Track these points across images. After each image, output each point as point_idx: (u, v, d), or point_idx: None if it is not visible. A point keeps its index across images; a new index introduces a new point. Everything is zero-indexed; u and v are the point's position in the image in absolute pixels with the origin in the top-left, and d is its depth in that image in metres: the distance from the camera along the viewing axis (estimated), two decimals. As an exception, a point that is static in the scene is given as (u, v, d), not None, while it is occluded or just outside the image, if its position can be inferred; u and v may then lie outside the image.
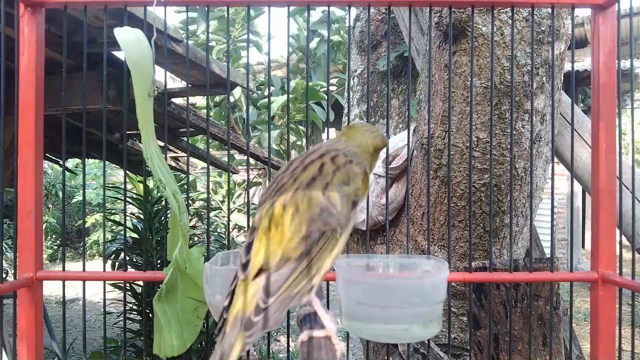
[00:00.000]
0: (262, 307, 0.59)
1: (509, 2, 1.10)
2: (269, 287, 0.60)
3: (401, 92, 2.69)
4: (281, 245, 0.63)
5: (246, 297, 0.61)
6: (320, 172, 0.69)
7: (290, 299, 0.61)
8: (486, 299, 1.43)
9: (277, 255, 0.63)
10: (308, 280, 0.63)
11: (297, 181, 0.68)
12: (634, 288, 0.96)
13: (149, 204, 3.79)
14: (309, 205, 0.65)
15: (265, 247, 0.64)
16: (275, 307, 0.60)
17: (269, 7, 1.11)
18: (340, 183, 0.68)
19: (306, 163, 0.71)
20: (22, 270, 1.02)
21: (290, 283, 0.61)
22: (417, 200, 1.97)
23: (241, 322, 0.59)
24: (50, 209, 10.71)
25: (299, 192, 0.67)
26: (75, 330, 5.53)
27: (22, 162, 1.03)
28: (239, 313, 0.60)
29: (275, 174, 0.73)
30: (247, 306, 0.60)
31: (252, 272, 0.63)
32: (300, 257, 0.62)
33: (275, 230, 0.64)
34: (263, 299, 0.60)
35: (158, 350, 0.90)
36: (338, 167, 0.70)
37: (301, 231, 0.64)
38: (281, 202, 0.66)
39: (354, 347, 4.66)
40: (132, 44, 0.89)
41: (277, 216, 0.65)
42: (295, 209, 0.65)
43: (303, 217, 0.64)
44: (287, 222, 0.64)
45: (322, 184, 0.68)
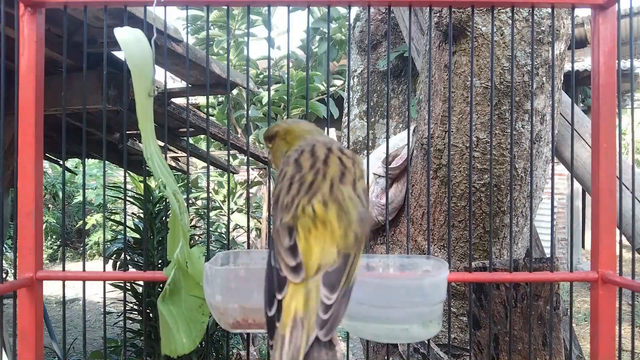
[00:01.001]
0: (328, 304, 0.60)
1: (509, 2, 1.09)
2: (330, 283, 0.62)
3: (401, 92, 2.69)
4: (334, 242, 0.64)
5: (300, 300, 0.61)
6: (344, 166, 0.71)
7: (349, 291, 0.63)
8: (486, 299, 1.43)
9: (332, 253, 0.64)
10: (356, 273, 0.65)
11: (327, 177, 0.69)
12: (634, 288, 0.96)
13: (150, 203, 3.79)
14: (351, 204, 0.67)
15: (316, 246, 0.64)
16: (339, 302, 0.61)
17: (269, 7, 1.11)
18: (360, 178, 0.72)
19: (322, 158, 0.72)
20: (22, 270, 1.02)
21: (346, 277, 0.63)
22: (417, 200, 1.97)
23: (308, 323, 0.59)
24: (50, 209, 10.70)
25: (335, 188, 0.68)
26: (75, 330, 5.53)
27: (22, 162, 1.03)
28: (296, 316, 0.60)
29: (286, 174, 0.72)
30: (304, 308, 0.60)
31: (309, 273, 0.63)
32: (351, 252, 0.65)
33: (323, 228, 0.65)
34: (327, 296, 0.61)
35: (168, 351, 0.90)
36: (354, 160, 0.73)
37: (351, 228, 0.65)
38: (319, 200, 0.67)
39: (354, 347, 4.65)
40: (132, 44, 0.89)
41: (320, 214, 0.66)
42: (339, 206, 0.66)
43: (351, 217, 0.66)
44: (334, 220, 0.65)
45: (351, 179, 0.70)
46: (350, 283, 0.64)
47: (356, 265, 0.65)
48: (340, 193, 0.67)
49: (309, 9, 1.13)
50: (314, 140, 0.77)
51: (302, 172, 0.70)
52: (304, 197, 0.68)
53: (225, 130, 3.86)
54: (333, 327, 0.60)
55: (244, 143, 4.02)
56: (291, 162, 0.73)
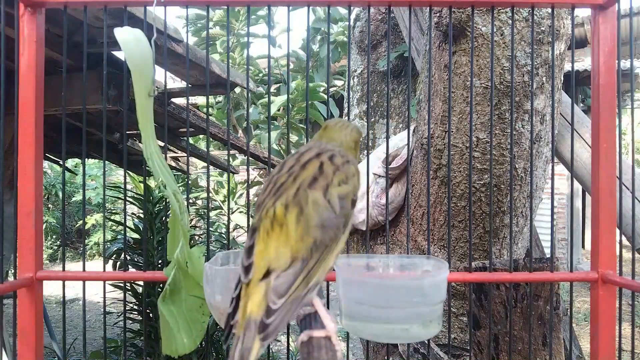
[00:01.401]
0: (273, 309, 0.59)
1: (509, 2, 1.10)
2: (279, 288, 0.60)
3: (401, 92, 2.69)
4: (288, 246, 0.63)
5: (255, 300, 0.60)
6: (321, 171, 0.69)
7: (300, 298, 0.61)
8: (486, 299, 1.43)
9: (285, 256, 0.62)
10: (315, 280, 0.63)
11: (298, 180, 0.67)
12: (634, 288, 0.96)
13: (150, 203, 3.79)
14: (314, 208, 0.65)
15: (270, 249, 0.63)
16: (286, 308, 0.60)
17: (269, 7, 1.11)
18: (340, 183, 0.68)
19: (303, 162, 0.70)
20: (22, 270, 1.02)
21: (299, 283, 0.61)
22: (417, 200, 1.97)
23: (255, 325, 0.58)
24: (50, 209, 10.71)
25: (301, 192, 0.66)
26: (75, 330, 5.53)
27: (22, 162, 1.03)
28: (250, 316, 0.59)
29: (271, 174, 0.72)
30: (258, 309, 0.60)
31: (257, 274, 0.62)
32: (307, 257, 0.63)
33: (279, 230, 0.64)
34: (273, 300, 0.59)
35: (169, 350, 0.90)
36: (337, 167, 0.70)
37: (309, 234, 0.63)
38: (282, 203, 0.65)
39: (354, 347, 4.65)
40: (132, 44, 0.89)
41: (279, 217, 0.65)
42: (299, 210, 0.65)
43: (310, 220, 0.64)
44: (291, 223, 0.64)
45: (324, 184, 0.67)
46: (305, 289, 0.62)
47: (316, 272, 0.63)
48: (304, 197, 0.66)
49: (308, 9, 1.13)
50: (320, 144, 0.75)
51: (280, 173, 0.70)
52: (271, 198, 0.67)
53: (225, 130, 3.86)
54: (274, 333, 0.58)
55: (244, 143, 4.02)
56: (281, 162, 0.73)
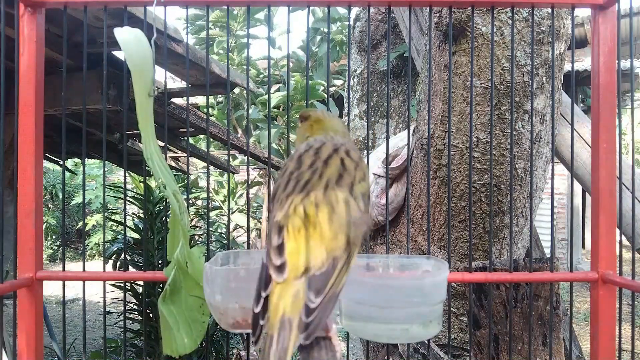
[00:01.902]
0: (312, 307, 0.59)
1: (509, 2, 1.09)
2: (316, 286, 0.60)
3: (401, 92, 2.69)
4: (322, 245, 0.63)
5: (288, 299, 0.60)
6: (345, 168, 0.69)
7: (336, 296, 0.62)
8: (486, 299, 1.43)
9: (321, 255, 0.62)
10: (347, 277, 0.64)
11: (324, 178, 0.68)
12: (634, 288, 0.96)
13: (150, 203, 3.79)
14: (345, 207, 0.66)
15: (304, 248, 0.63)
16: (324, 306, 0.60)
17: (268, 7, 1.11)
18: (360, 180, 0.70)
19: (324, 158, 0.70)
20: (22, 270, 1.02)
21: (334, 281, 0.62)
22: (417, 200, 1.97)
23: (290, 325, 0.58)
24: (50, 209, 10.71)
25: (329, 190, 0.67)
26: (75, 330, 5.53)
27: (22, 162, 1.03)
28: (284, 315, 0.59)
29: (286, 170, 0.71)
30: (292, 308, 0.59)
31: (292, 273, 0.62)
32: (341, 256, 0.63)
33: (313, 230, 0.64)
34: (311, 299, 0.59)
35: (170, 350, 0.90)
36: (357, 164, 0.71)
37: (342, 232, 0.64)
38: (312, 201, 0.66)
39: (354, 347, 4.66)
40: (132, 44, 0.89)
41: (311, 215, 0.65)
42: (331, 209, 0.65)
43: (342, 220, 0.65)
44: (324, 222, 0.64)
45: (349, 182, 0.68)
46: (338, 288, 0.62)
47: (346, 270, 0.64)
48: (334, 195, 0.66)
49: (308, 9, 1.13)
50: (330, 138, 0.75)
51: (300, 170, 0.70)
52: (297, 196, 0.67)
53: (225, 130, 3.86)
54: (315, 331, 0.59)
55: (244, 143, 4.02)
56: (295, 157, 0.73)
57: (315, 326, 0.58)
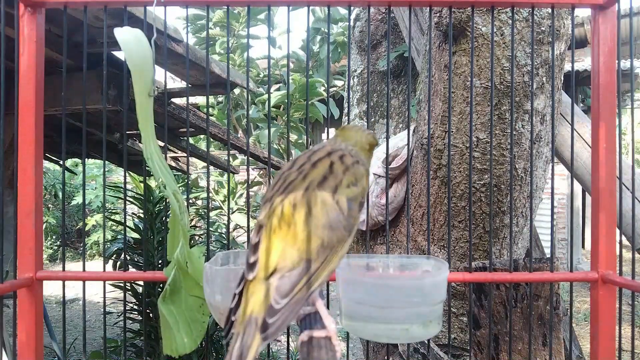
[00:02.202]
0: (276, 309, 0.58)
1: (509, 2, 1.09)
2: (282, 288, 0.60)
3: (401, 92, 2.69)
4: (294, 245, 0.62)
5: (257, 298, 0.60)
6: (331, 171, 0.68)
7: (303, 299, 0.61)
8: (486, 299, 1.43)
9: (291, 256, 0.62)
10: (319, 281, 0.63)
11: (307, 179, 0.67)
12: (634, 288, 0.96)
13: (150, 203, 3.79)
14: (323, 209, 0.64)
15: (275, 247, 0.62)
16: (289, 308, 0.59)
17: (268, 7, 1.11)
18: (349, 184, 0.68)
19: (314, 160, 0.70)
20: (22, 270, 1.02)
21: (303, 284, 0.61)
22: (417, 200, 1.97)
23: (256, 324, 0.58)
24: (50, 209, 10.71)
25: (310, 191, 0.65)
26: (75, 330, 5.53)
27: (22, 162, 1.03)
28: (251, 314, 0.59)
29: (281, 171, 0.71)
30: (260, 307, 0.59)
31: (261, 272, 0.61)
32: (313, 259, 0.62)
33: (287, 229, 0.63)
34: (277, 300, 0.59)
35: (170, 350, 0.90)
36: (347, 168, 0.70)
37: (316, 235, 0.63)
38: (291, 201, 0.65)
39: (354, 347, 4.66)
40: (132, 44, 0.89)
41: (287, 215, 0.64)
42: (307, 210, 0.64)
43: (318, 221, 0.63)
44: (299, 223, 0.63)
45: (333, 185, 0.67)
46: (309, 291, 0.61)
47: (321, 274, 0.62)
48: (313, 196, 0.65)
49: (308, 9, 1.13)
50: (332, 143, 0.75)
51: (290, 171, 0.69)
52: (280, 195, 0.66)
53: (225, 130, 3.86)
54: (276, 333, 0.58)
55: (244, 143, 4.02)
56: (292, 159, 0.73)
57: (277, 327, 0.58)
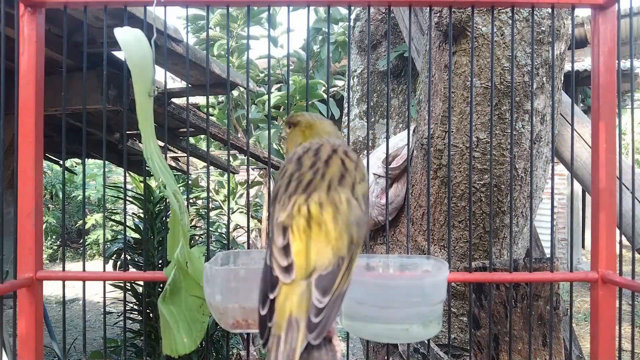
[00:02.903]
0: (320, 307, 0.59)
1: (509, 2, 1.09)
2: (323, 286, 0.61)
3: (401, 92, 2.69)
4: (328, 244, 0.63)
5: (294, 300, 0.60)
6: (345, 168, 0.70)
7: (342, 295, 0.62)
8: (486, 299, 1.43)
9: (327, 255, 0.63)
10: (351, 276, 0.65)
11: (326, 178, 0.68)
12: (634, 288, 0.96)
13: (150, 203, 3.79)
14: (349, 207, 0.66)
15: (310, 248, 0.63)
16: (331, 306, 0.60)
17: (268, 7, 1.11)
18: (360, 180, 0.70)
19: (324, 158, 0.71)
20: (22, 270, 1.02)
21: (340, 280, 0.62)
22: (417, 200, 1.97)
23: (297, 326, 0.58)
24: (50, 209, 10.71)
25: (332, 190, 0.67)
26: (75, 330, 5.53)
27: (22, 162, 1.03)
28: (291, 316, 0.59)
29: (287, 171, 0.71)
30: (300, 309, 0.60)
31: (301, 273, 0.62)
32: (346, 255, 0.64)
33: (318, 229, 0.64)
34: (319, 299, 0.60)
35: (169, 350, 0.90)
36: (356, 164, 0.72)
37: (347, 232, 0.64)
38: (316, 201, 0.66)
39: (354, 347, 4.66)
40: (132, 44, 0.89)
41: (315, 215, 0.65)
42: (335, 209, 0.65)
43: (346, 218, 0.65)
44: (329, 222, 0.64)
45: (350, 182, 0.69)
46: (343, 287, 0.63)
47: (351, 270, 0.64)
48: (337, 195, 0.66)
49: (308, 9, 1.13)
50: (326, 141, 0.76)
51: (301, 171, 0.70)
52: (301, 196, 0.67)
53: (225, 130, 3.86)
54: (324, 331, 0.59)
55: (244, 143, 4.02)
56: (294, 159, 0.73)
57: (323, 326, 0.59)
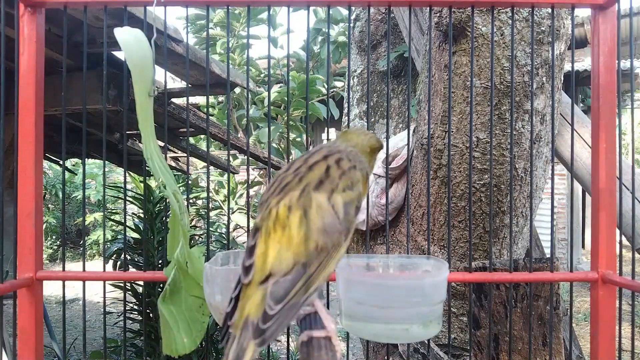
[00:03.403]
0: (270, 314, 0.58)
1: (509, 2, 1.10)
2: (277, 293, 0.59)
3: (401, 92, 2.69)
4: (290, 249, 0.62)
5: (253, 302, 0.60)
6: (327, 175, 0.68)
7: (298, 305, 0.60)
8: (486, 299, 1.43)
9: (286, 260, 0.61)
10: (314, 286, 0.62)
11: (303, 182, 0.67)
12: (634, 288, 0.96)
13: (150, 203, 3.79)
14: (318, 212, 0.64)
15: (271, 251, 0.62)
16: (284, 314, 0.58)
17: (268, 7, 1.11)
18: (345, 188, 0.68)
19: (310, 163, 0.70)
20: (22, 270, 1.02)
21: (298, 289, 0.60)
22: (417, 200, 1.97)
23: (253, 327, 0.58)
24: (50, 209, 10.70)
25: (305, 194, 0.65)
26: (75, 330, 5.53)
27: (22, 162, 1.03)
28: (248, 318, 0.59)
29: (277, 173, 0.71)
30: (256, 311, 0.59)
31: (257, 276, 0.61)
32: (308, 263, 0.61)
33: (281, 232, 0.63)
34: (271, 305, 0.58)
35: (169, 350, 0.90)
36: (344, 172, 0.69)
37: (311, 238, 0.62)
38: (286, 203, 0.64)
39: (354, 347, 4.66)
40: (132, 44, 0.89)
41: (282, 218, 0.63)
42: (303, 213, 0.63)
43: (313, 225, 0.63)
44: (294, 226, 0.63)
45: (329, 188, 0.66)
46: (305, 295, 0.61)
47: (316, 279, 0.62)
48: (308, 199, 0.65)
49: (308, 9, 1.14)
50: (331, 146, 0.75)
51: (287, 173, 0.69)
52: (275, 198, 0.66)
53: (225, 130, 3.86)
54: (270, 338, 0.57)
55: (244, 143, 4.02)
56: (291, 161, 0.73)
57: (271, 333, 0.57)
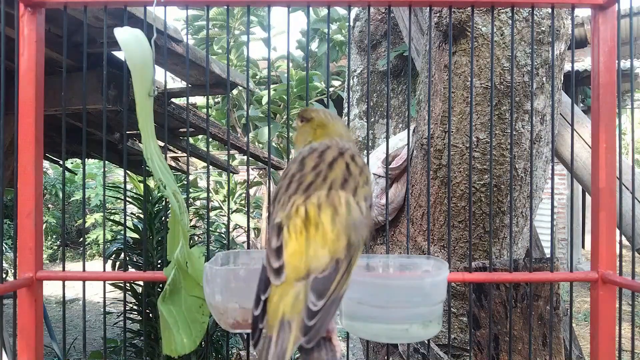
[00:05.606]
0: (314, 310, 0.58)
1: (509, 2, 1.09)
2: (319, 289, 0.60)
3: (401, 92, 2.69)
4: (325, 247, 0.62)
5: (288, 302, 0.60)
6: (349, 172, 0.69)
7: (338, 299, 0.61)
8: (486, 299, 1.43)
9: (323, 257, 0.62)
10: (349, 280, 0.64)
11: (328, 180, 0.68)
12: (634, 288, 0.96)
13: (150, 203, 3.79)
14: (348, 209, 0.65)
15: (305, 249, 0.62)
16: (326, 310, 0.59)
17: (268, 7, 1.11)
18: (364, 185, 0.69)
19: (328, 161, 0.70)
20: (22, 270, 1.02)
21: (336, 285, 0.61)
22: (417, 200, 1.97)
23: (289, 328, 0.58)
24: (50, 209, 10.70)
25: (333, 193, 0.66)
26: (75, 330, 5.52)
27: (22, 162, 1.03)
28: (283, 318, 0.59)
29: (289, 171, 0.71)
30: (294, 311, 0.59)
31: (292, 275, 0.61)
32: (344, 258, 0.63)
33: (314, 231, 0.63)
34: (314, 302, 0.59)
35: (169, 350, 0.90)
36: (362, 169, 0.71)
37: (345, 235, 0.64)
38: (314, 202, 0.65)
39: (354, 347, 4.66)
40: (132, 44, 0.89)
41: (313, 217, 0.64)
42: (334, 211, 0.65)
43: (344, 221, 0.64)
44: (327, 224, 0.64)
45: (353, 186, 0.68)
46: (341, 291, 0.62)
47: (350, 273, 0.64)
48: (337, 197, 0.66)
49: (308, 9, 1.13)
50: (335, 142, 0.75)
51: (303, 172, 0.69)
52: (300, 197, 0.66)
53: (225, 130, 3.86)
54: (317, 335, 0.58)
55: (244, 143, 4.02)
56: (298, 160, 0.72)
57: (317, 329, 0.58)
